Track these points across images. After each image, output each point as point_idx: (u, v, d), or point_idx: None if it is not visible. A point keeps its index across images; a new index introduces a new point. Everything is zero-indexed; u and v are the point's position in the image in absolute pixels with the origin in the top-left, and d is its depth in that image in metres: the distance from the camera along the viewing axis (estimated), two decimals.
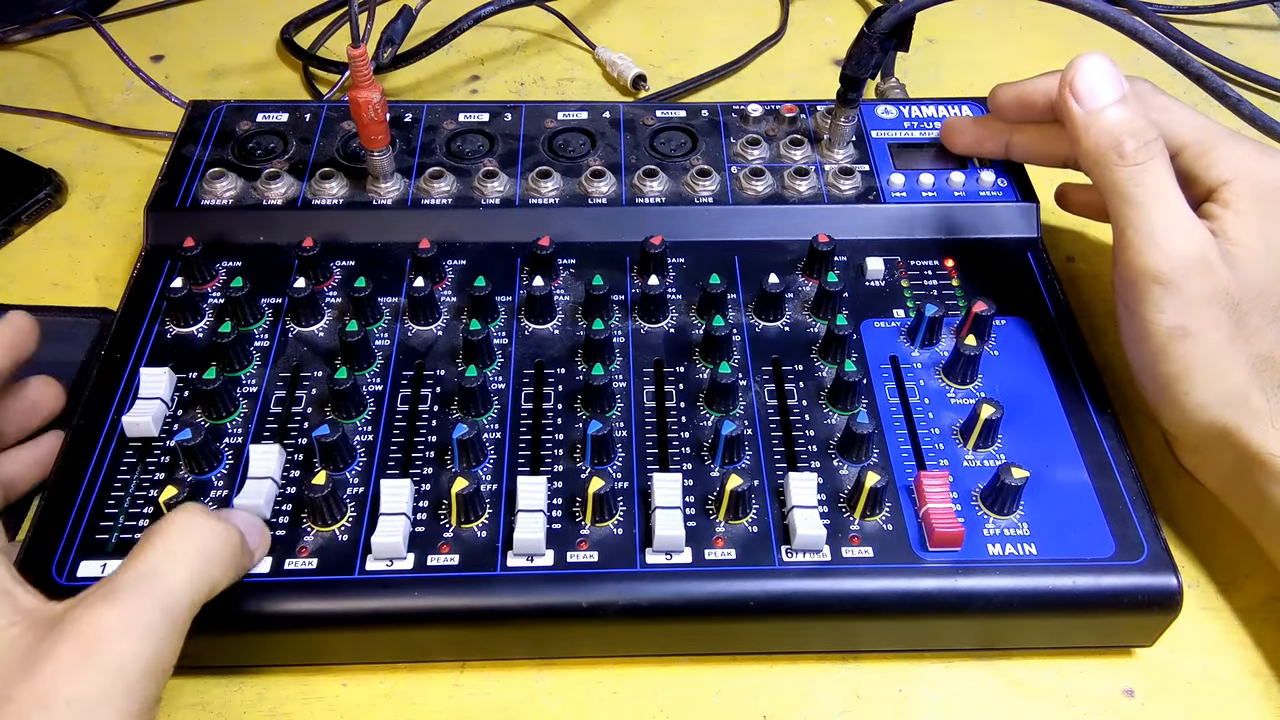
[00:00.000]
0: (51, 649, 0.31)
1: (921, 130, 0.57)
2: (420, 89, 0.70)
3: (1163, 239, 0.41)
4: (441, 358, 0.47)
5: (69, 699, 0.30)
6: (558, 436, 0.44)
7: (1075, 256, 0.59)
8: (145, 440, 0.44)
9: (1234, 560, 0.46)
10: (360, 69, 0.47)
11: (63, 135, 0.65)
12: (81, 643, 0.31)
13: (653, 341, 0.48)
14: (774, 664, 0.42)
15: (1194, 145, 0.44)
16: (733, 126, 0.57)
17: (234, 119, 0.57)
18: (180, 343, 0.47)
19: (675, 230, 0.52)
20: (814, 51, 0.74)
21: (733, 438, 0.42)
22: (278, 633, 0.40)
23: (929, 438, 0.44)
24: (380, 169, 0.52)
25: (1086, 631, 0.42)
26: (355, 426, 0.44)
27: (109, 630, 0.32)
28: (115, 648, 0.32)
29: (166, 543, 0.35)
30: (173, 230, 0.51)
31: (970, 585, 0.40)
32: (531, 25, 0.75)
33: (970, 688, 0.42)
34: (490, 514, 0.41)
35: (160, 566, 0.34)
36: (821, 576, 0.40)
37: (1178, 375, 0.42)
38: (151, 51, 0.72)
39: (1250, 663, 0.43)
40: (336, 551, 0.40)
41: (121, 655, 0.31)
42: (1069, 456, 0.44)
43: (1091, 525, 0.42)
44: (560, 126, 0.57)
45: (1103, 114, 0.43)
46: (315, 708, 0.41)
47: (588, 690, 0.42)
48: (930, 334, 0.48)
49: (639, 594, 0.39)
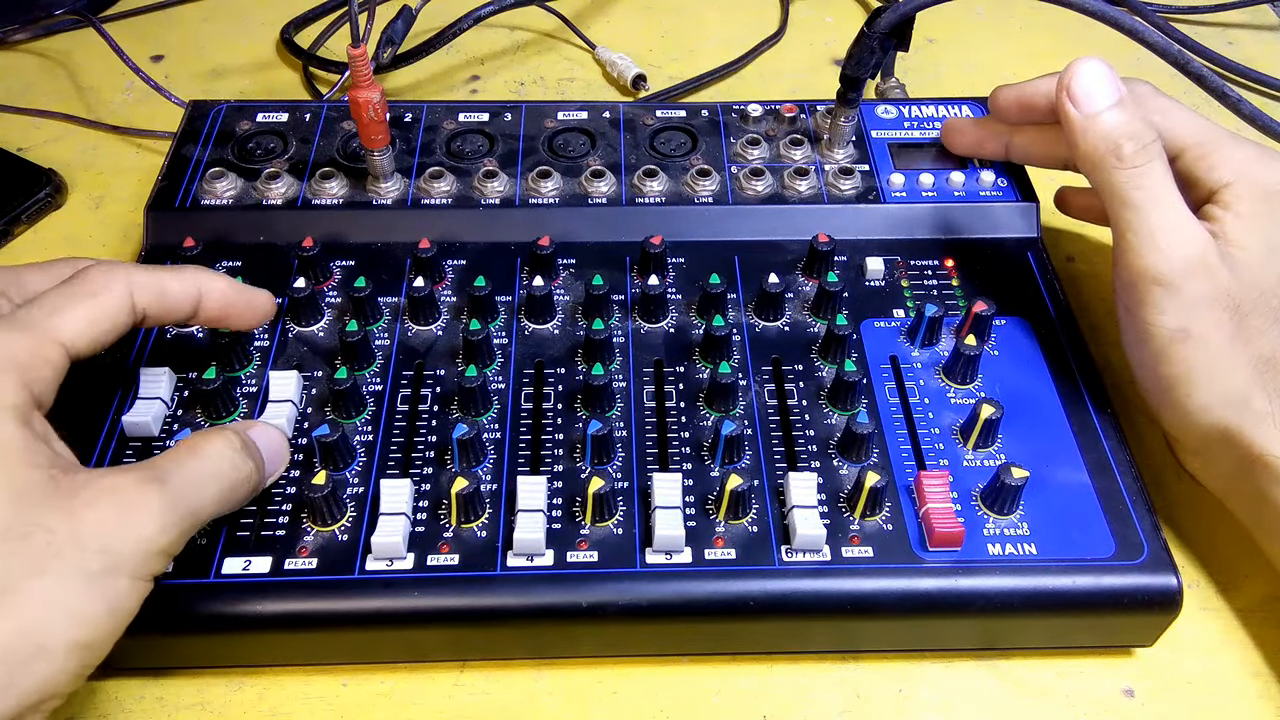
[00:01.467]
0: (94, 500, 0.33)
1: (921, 130, 0.57)
2: (420, 89, 0.70)
3: (1162, 241, 0.41)
4: (441, 358, 0.47)
5: (102, 548, 0.32)
6: (558, 436, 0.44)
7: (1075, 256, 0.59)
8: (145, 440, 0.44)
9: (1234, 560, 0.46)
10: (360, 69, 0.47)
11: (63, 135, 0.65)
12: (121, 505, 0.33)
13: (653, 341, 0.48)
14: (774, 664, 0.42)
15: (1195, 147, 0.44)
16: (733, 126, 0.57)
17: (234, 119, 0.57)
18: (180, 342, 0.47)
19: (675, 230, 0.52)
20: (814, 51, 0.74)
21: (733, 438, 0.42)
22: (278, 633, 0.40)
23: (929, 438, 0.44)
24: (380, 169, 0.52)
25: (1086, 631, 0.42)
26: (355, 426, 0.44)
27: (150, 508, 0.34)
28: (149, 524, 0.33)
29: (213, 464, 0.37)
30: (173, 230, 0.51)
31: (970, 585, 0.40)
32: (531, 25, 0.75)
33: (970, 688, 0.42)
34: (490, 514, 0.41)
35: (205, 485, 0.36)
36: (821, 576, 0.40)
37: (1179, 377, 0.42)
38: (151, 51, 0.72)
39: (1250, 663, 0.43)
40: (336, 551, 0.40)
41: (151, 533, 0.33)
42: (1069, 456, 0.44)
43: (1091, 525, 0.42)
44: (560, 126, 0.57)
45: (1100, 117, 0.43)
46: (315, 708, 0.41)
47: (588, 690, 0.42)
48: (930, 334, 0.48)
49: (639, 594, 0.40)
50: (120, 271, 0.39)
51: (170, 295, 0.40)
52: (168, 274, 0.41)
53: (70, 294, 0.38)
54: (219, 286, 0.42)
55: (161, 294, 0.40)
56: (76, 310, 0.37)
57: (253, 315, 0.44)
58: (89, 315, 0.37)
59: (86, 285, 0.38)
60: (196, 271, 0.42)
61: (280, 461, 0.41)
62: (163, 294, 0.40)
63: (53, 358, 0.36)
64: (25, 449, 0.33)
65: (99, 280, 0.38)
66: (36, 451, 0.33)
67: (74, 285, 0.38)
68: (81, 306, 0.37)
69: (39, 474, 0.33)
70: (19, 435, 0.33)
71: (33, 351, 0.35)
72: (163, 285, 0.40)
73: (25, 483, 0.32)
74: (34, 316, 0.36)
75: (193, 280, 0.41)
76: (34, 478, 0.33)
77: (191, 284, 0.41)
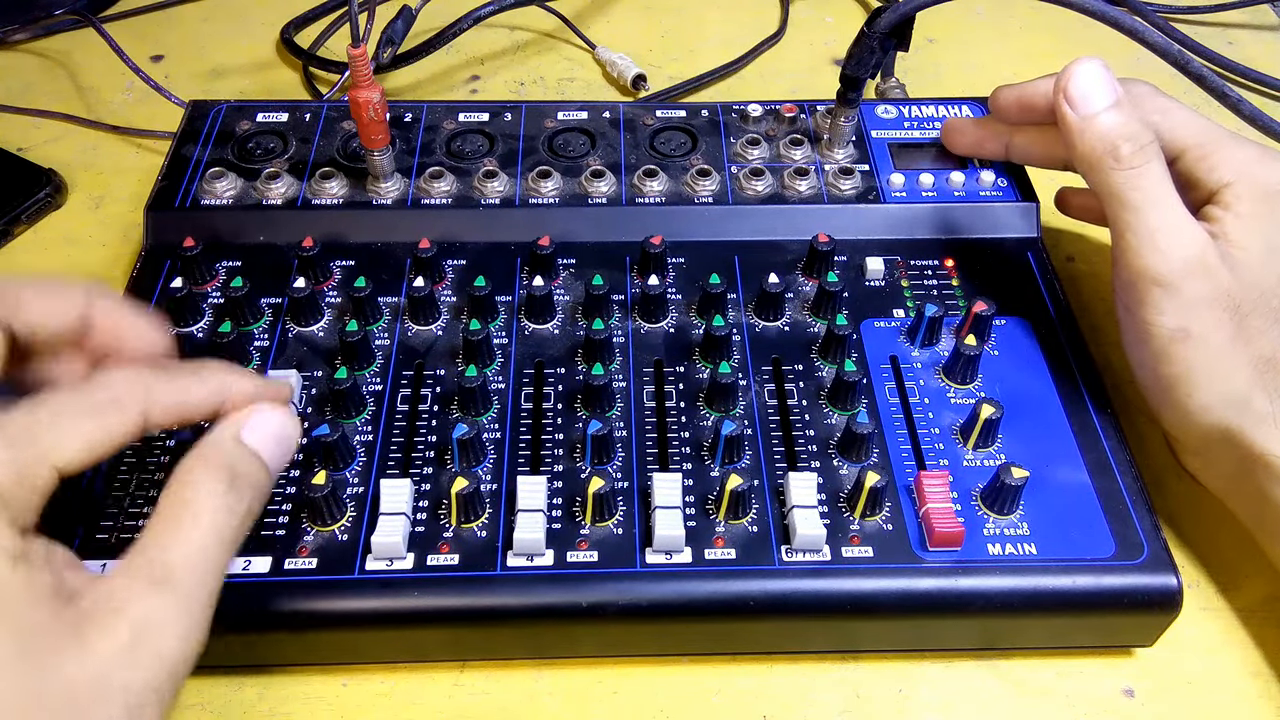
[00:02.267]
0: (105, 627, 0.30)
1: (921, 130, 0.57)
2: (420, 89, 0.70)
3: (1161, 241, 0.41)
4: (441, 357, 0.47)
5: (123, 685, 0.30)
6: (558, 436, 0.44)
7: (1075, 256, 0.59)
8: (146, 440, 0.44)
9: (1234, 560, 0.46)
10: (360, 69, 0.47)
11: (63, 135, 0.65)
12: (134, 630, 0.30)
13: (653, 341, 0.48)
14: (774, 664, 0.42)
15: (1195, 148, 0.44)
16: (733, 126, 0.57)
17: (234, 119, 0.57)
18: (180, 343, 0.47)
19: (675, 230, 0.52)
20: (814, 51, 0.74)
21: (733, 438, 0.42)
22: (278, 633, 0.40)
23: (929, 438, 0.44)
24: (380, 169, 0.52)
25: (1086, 631, 0.42)
26: (355, 426, 0.44)
27: (165, 622, 0.31)
28: (167, 640, 0.30)
29: (209, 520, 0.32)
30: (173, 230, 0.51)
31: (970, 585, 0.40)
32: (531, 25, 0.75)
33: (970, 688, 0.42)
34: (490, 514, 0.41)
35: (210, 555, 0.32)
36: (821, 576, 0.40)
37: (1179, 377, 0.42)
38: (151, 51, 0.72)
39: (1250, 663, 0.43)
40: (336, 551, 0.40)
41: (172, 648, 0.31)
42: (1069, 456, 0.44)
43: (1091, 525, 0.42)
44: (560, 126, 0.57)
45: (1097, 119, 0.43)
46: (315, 708, 0.41)
47: (588, 690, 0.42)
48: (930, 334, 0.48)
49: (639, 594, 0.40)
50: (142, 385, 0.34)
51: (191, 408, 0.36)
52: (192, 382, 0.36)
53: (78, 406, 0.33)
54: (244, 388, 0.37)
55: (183, 407, 0.36)
56: (82, 427, 0.33)
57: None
58: (94, 436, 0.33)
59: (98, 395, 0.34)
60: (221, 373, 0.37)
61: (288, 446, 0.37)
62: (184, 407, 0.36)
63: (41, 483, 0.31)
64: (23, 590, 0.30)
65: (117, 395, 0.34)
66: (35, 588, 0.30)
67: (86, 395, 0.33)
68: (90, 422, 0.33)
69: (43, 612, 0.30)
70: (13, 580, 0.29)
71: (18, 476, 0.31)
72: (185, 397, 0.36)
73: (30, 627, 0.29)
74: (29, 431, 0.32)
75: (217, 385, 0.37)
76: (37, 619, 0.29)
77: (216, 390, 0.37)
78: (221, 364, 0.37)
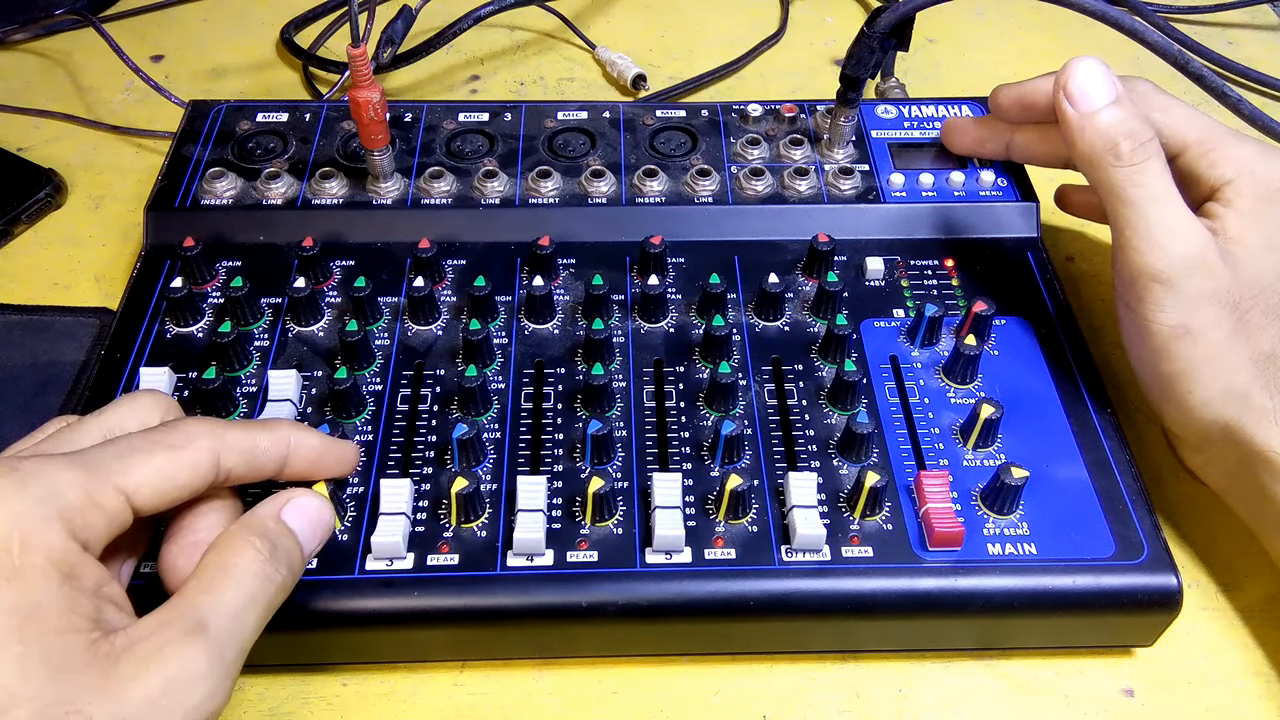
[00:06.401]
0: (137, 671, 0.30)
1: (921, 130, 0.57)
2: (420, 89, 0.70)
3: (1161, 238, 0.41)
4: (441, 357, 0.47)
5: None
6: (558, 436, 0.44)
7: (1075, 256, 0.59)
8: None
9: (1234, 560, 0.46)
10: (360, 69, 0.47)
11: (63, 135, 0.65)
12: (167, 675, 0.30)
13: (653, 341, 0.48)
14: (774, 664, 0.42)
15: (1196, 145, 0.44)
16: (733, 126, 0.57)
17: (234, 119, 0.57)
18: (180, 342, 0.47)
19: (675, 230, 0.52)
20: (814, 51, 0.74)
21: (733, 437, 0.42)
22: (278, 633, 0.40)
23: (929, 437, 0.44)
24: (380, 169, 0.52)
25: (1086, 631, 0.42)
26: (355, 426, 0.44)
27: (196, 673, 0.31)
28: (199, 692, 0.31)
29: (248, 585, 0.33)
30: (173, 230, 0.51)
31: (970, 585, 0.40)
32: (531, 25, 0.75)
33: (970, 688, 0.42)
34: (490, 514, 0.41)
35: (245, 616, 0.33)
36: (821, 576, 0.40)
37: (1179, 374, 0.42)
38: (151, 51, 0.72)
39: (1250, 662, 0.43)
40: (337, 551, 0.40)
41: (200, 703, 0.31)
42: (1069, 456, 0.44)
43: (1091, 525, 0.42)
44: (560, 126, 0.57)
45: (1097, 116, 0.43)
46: (315, 708, 0.41)
47: (588, 690, 0.42)
48: (930, 334, 0.48)
49: (639, 594, 0.39)
50: (212, 429, 0.35)
51: (260, 455, 0.37)
52: (260, 432, 0.37)
53: (151, 440, 0.34)
54: (309, 443, 0.38)
55: (251, 454, 0.36)
56: (153, 459, 0.33)
57: (339, 469, 0.40)
58: (165, 468, 0.33)
59: (171, 435, 0.34)
60: (288, 428, 0.38)
61: (323, 532, 0.38)
62: (253, 454, 0.36)
63: (108, 504, 0.32)
64: (65, 611, 0.30)
65: (188, 433, 0.35)
66: (77, 612, 0.30)
67: (158, 433, 0.34)
68: (161, 455, 0.33)
69: (78, 640, 0.30)
70: (59, 597, 0.30)
71: (86, 493, 0.31)
72: (254, 444, 0.37)
73: (62, 651, 0.29)
74: (102, 457, 0.32)
75: (284, 437, 0.38)
76: (72, 645, 0.29)
77: (283, 442, 0.38)
78: (289, 420, 0.40)
